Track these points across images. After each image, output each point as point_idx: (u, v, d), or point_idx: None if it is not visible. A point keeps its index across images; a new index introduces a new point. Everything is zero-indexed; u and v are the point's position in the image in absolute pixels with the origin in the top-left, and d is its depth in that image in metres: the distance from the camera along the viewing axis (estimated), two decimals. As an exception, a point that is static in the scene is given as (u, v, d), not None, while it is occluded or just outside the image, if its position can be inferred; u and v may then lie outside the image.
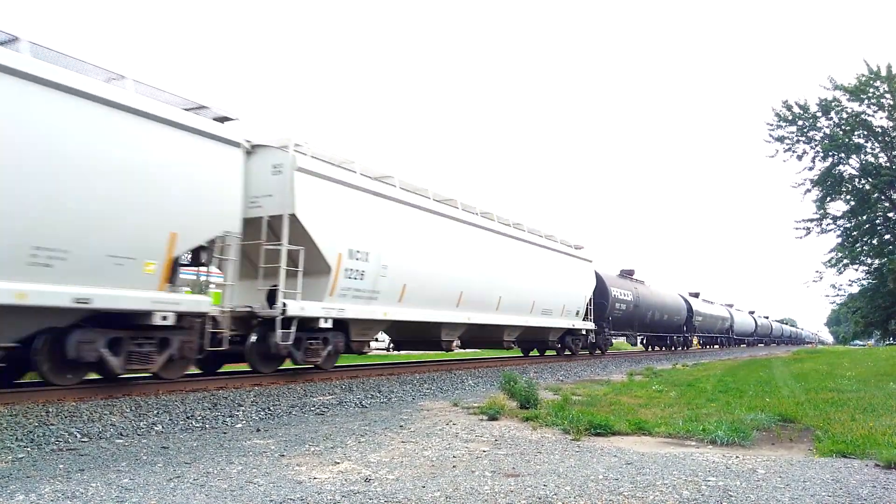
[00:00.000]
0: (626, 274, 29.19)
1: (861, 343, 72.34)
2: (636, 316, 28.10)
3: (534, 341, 21.46)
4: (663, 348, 36.46)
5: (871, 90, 29.65)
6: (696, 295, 43.40)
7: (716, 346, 48.40)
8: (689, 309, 37.58)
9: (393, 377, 12.51)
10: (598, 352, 25.29)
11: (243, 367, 18.08)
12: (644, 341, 35.01)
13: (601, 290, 24.14)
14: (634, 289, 28.11)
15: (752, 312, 66.64)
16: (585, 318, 22.46)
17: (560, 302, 20.13)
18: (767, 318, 77.34)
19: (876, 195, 31.43)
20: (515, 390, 8.60)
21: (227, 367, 12.72)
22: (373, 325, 12.55)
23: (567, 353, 22.45)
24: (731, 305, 55.74)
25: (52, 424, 6.30)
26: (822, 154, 31.54)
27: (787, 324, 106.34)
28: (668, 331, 34.80)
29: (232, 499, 3.96)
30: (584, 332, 22.57)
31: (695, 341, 44.43)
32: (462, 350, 25.62)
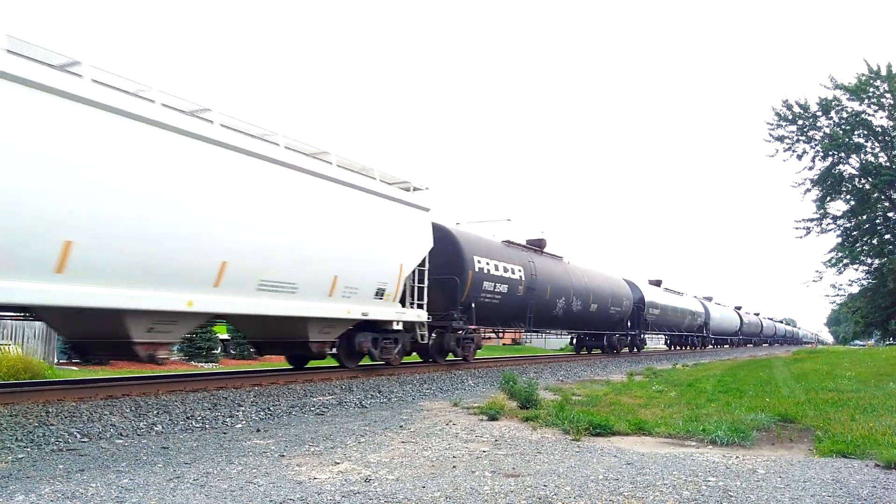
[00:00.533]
0: (533, 244, 19.96)
1: (861, 343, 72.27)
2: (531, 303, 17.96)
3: (275, 342, 11.47)
4: (601, 350, 26.99)
5: (872, 90, 29.65)
6: (658, 283, 34.41)
7: (686, 348, 39.57)
8: (640, 299, 28.35)
9: (393, 377, 12.51)
10: (459, 359, 15.97)
11: (244, 365, 18.16)
12: (574, 340, 27.35)
13: (451, 258, 14.83)
14: (529, 263, 18.11)
15: (738, 308, 57.26)
16: (413, 304, 13.21)
17: (326, 272, 10.50)
18: (758, 314, 68.98)
19: (876, 195, 31.43)
20: (515, 390, 8.61)
21: (226, 367, 12.71)
22: None
23: (367, 363, 13.24)
24: (709, 299, 46.96)
25: (52, 424, 6.30)
26: (822, 154, 31.54)
27: (785, 323, 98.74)
28: (601, 327, 24.81)
29: (232, 499, 3.96)
30: (400, 329, 12.85)
31: (659, 340, 37.81)
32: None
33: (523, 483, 4.43)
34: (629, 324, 27.87)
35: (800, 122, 31.65)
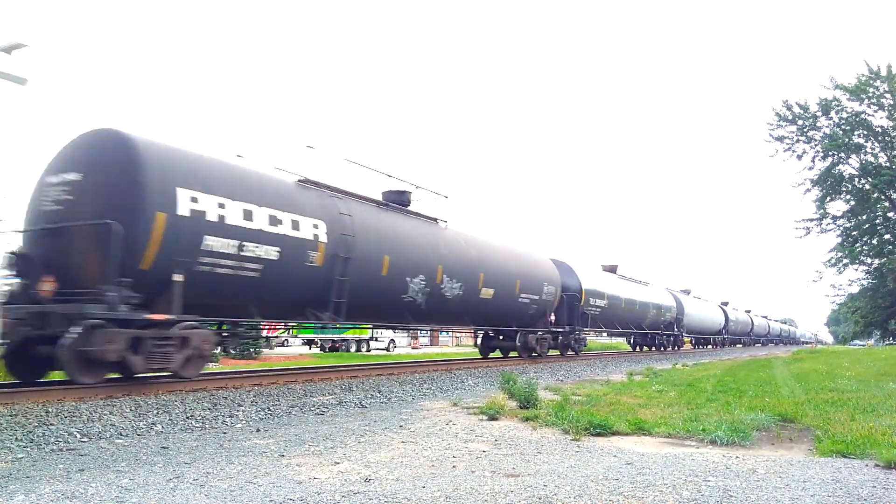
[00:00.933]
0: (391, 199, 13.92)
1: (861, 343, 72.26)
2: (341, 281, 11.26)
3: None
4: (517, 354, 19.37)
5: (871, 90, 29.68)
6: (613, 269, 28.31)
7: (653, 349, 32.90)
8: (576, 287, 21.79)
9: (393, 377, 12.51)
10: (164, 374, 9.35)
11: (244, 365, 18.16)
12: (482, 340, 20.01)
13: (114, 187, 8.52)
14: (342, 217, 11.56)
15: (724, 304, 50.47)
16: None
17: None
18: (749, 311, 62.32)
19: (876, 195, 31.46)
20: (515, 390, 8.61)
21: (226, 367, 12.70)
22: None
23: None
24: (687, 292, 39.76)
25: (52, 424, 6.31)
26: (821, 154, 31.57)
27: (782, 322, 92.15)
28: (506, 321, 17.85)
29: (232, 499, 3.96)
30: None
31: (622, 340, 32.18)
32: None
33: (523, 483, 4.43)
34: (553, 317, 20.35)
35: (800, 122, 31.67)
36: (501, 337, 19.38)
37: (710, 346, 44.67)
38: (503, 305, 17.04)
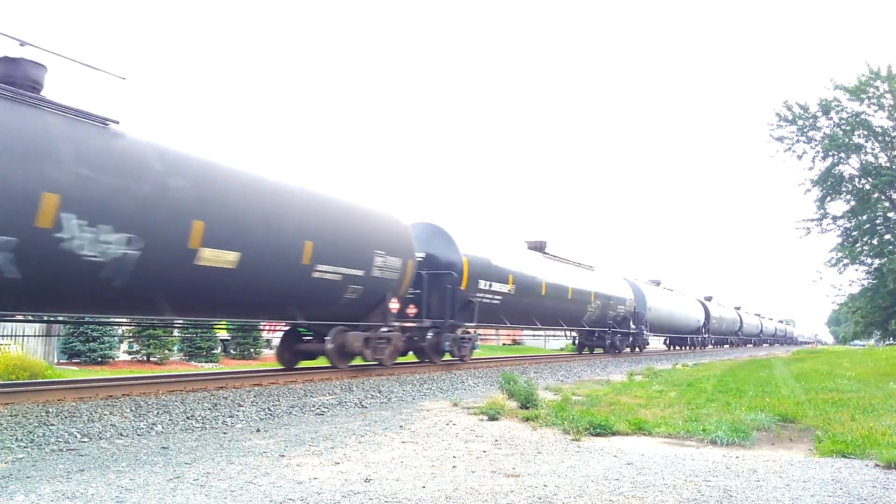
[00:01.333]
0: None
1: (861, 343, 72.24)
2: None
3: None
4: (328, 359, 12.15)
5: (872, 90, 29.70)
6: (540, 247, 21.52)
7: (602, 351, 26.54)
8: (456, 264, 15.04)
9: (393, 377, 12.50)
10: None
11: (244, 365, 18.18)
12: (281, 342, 13.42)
13: None
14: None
15: (707, 299, 44.65)
16: None
17: None
18: (738, 308, 56.41)
19: (876, 195, 31.48)
20: (515, 390, 8.62)
21: (226, 367, 12.69)
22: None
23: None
24: (657, 283, 35.93)
25: (52, 424, 6.30)
26: (821, 154, 31.61)
27: (778, 321, 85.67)
28: (267, 309, 10.84)
29: (232, 499, 3.96)
30: None
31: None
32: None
33: (523, 483, 4.43)
34: (399, 306, 13.49)
35: (800, 122, 31.71)
36: (328, 337, 11.86)
37: (686, 348, 38.25)
38: (271, 283, 10.06)
